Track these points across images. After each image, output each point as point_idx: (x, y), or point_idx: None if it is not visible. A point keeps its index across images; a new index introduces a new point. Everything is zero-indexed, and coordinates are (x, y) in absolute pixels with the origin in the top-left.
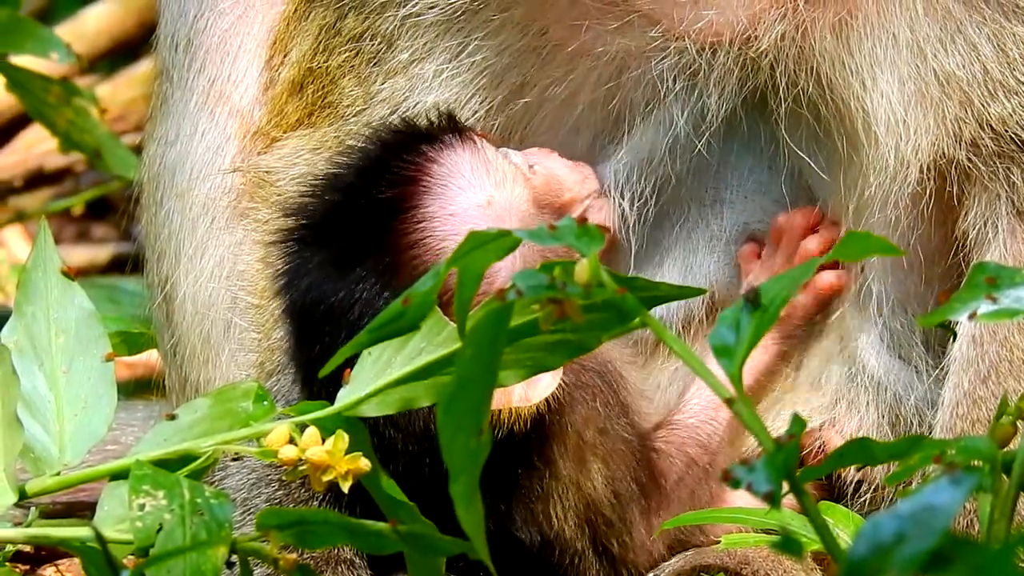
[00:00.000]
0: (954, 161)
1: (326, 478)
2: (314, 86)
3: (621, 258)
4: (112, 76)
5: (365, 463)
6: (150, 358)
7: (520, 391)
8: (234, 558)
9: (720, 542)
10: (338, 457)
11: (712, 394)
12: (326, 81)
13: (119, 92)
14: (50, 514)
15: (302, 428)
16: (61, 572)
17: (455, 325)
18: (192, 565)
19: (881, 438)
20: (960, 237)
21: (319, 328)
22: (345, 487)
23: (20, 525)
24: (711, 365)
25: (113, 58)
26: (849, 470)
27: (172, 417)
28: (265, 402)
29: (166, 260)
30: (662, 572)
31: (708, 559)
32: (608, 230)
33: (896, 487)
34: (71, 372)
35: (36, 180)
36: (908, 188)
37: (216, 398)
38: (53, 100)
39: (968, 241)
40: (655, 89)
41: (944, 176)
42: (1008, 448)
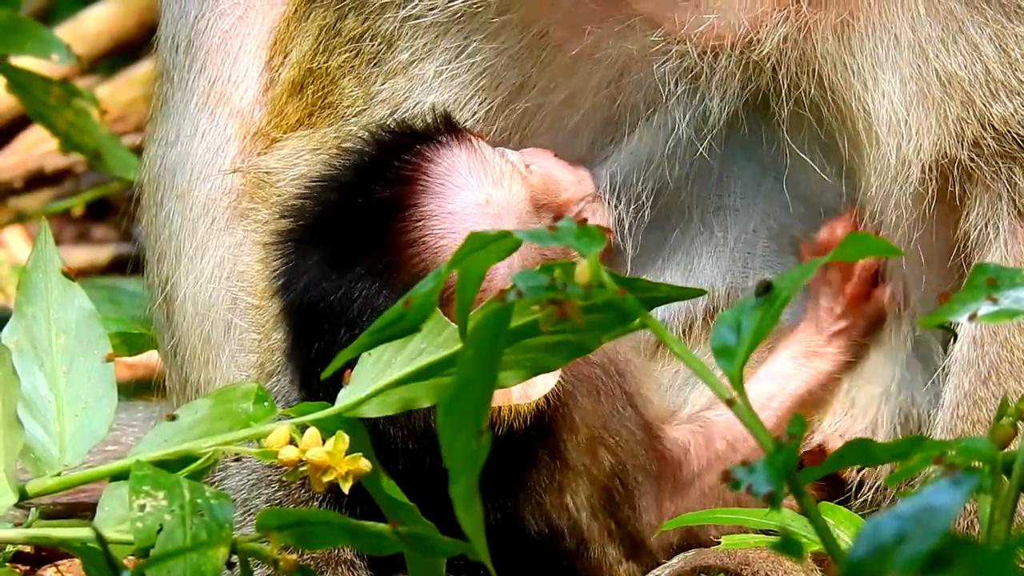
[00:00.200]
0: (956, 161)
1: (326, 479)
2: (314, 87)
3: (619, 262)
4: (112, 77)
5: (365, 464)
6: (150, 359)
7: (519, 388)
8: (234, 559)
9: (720, 542)
10: (338, 458)
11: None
12: (326, 82)
13: (119, 93)
14: (50, 515)
15: (302, 429)
16: (61, 573)
17: (455, 326)
18: (192, 566)
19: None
20: (961, 238)
21: (318, 327)
22: (345, 488)
23: (20, 526)
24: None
25: (113, 59)
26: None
27: (172, 418)
28: (265, 403)
29: (166, 261)
30: (663, 572)
31: (708, 559)
32: (609, 231)
33: (896, 488)
34: (71, 373)
35: (36, 181)
36: (910, 188)
37: (216, 399)
38: (53, 101)
39: (969, 242)
40: (656, 92)
41: (946, 176)
42: (1008, 449)
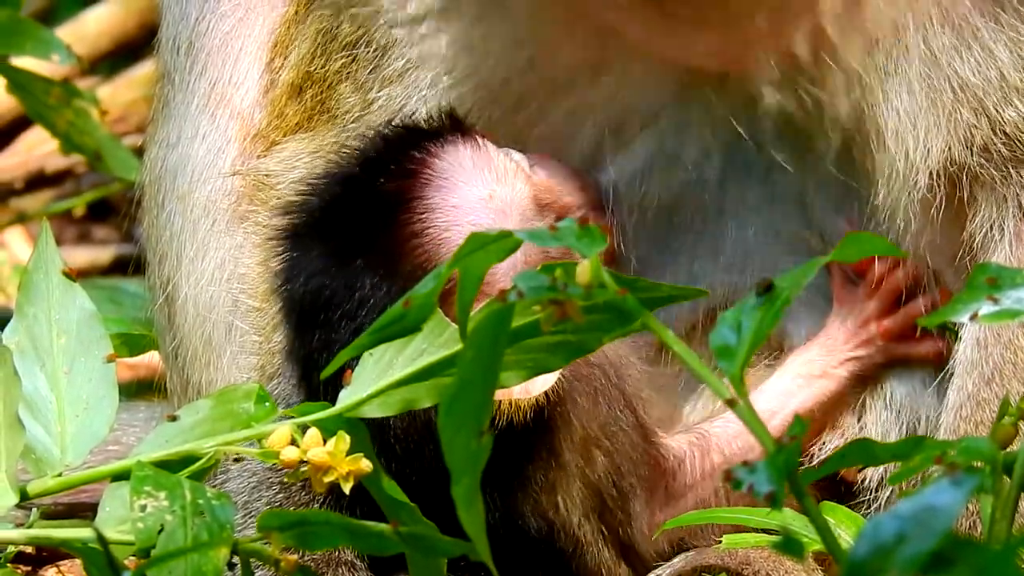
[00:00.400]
0: (965, 167)
1: (327, 479)
2: (313, 90)
3: (622, 267)
4: (113, 78)
5: (366, 464)
6: (152, 360)
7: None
8: (235, 559)
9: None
10: (339, 458)
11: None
12: (324, 86)
13: (120, 94)
14: (52, 515)
15: (304, 429)
16: (63, 573)
17: (456, 326)
18: (193, 566)
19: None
20: (967, 240)
21: (319, 320)
22: (346, 488)
23: (22, 526)
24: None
25: (114, 60)
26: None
27: (174, 418)
28: (266, 403)
29: (167, 262)
30: (663, 572)
31: (709, 559)
32: (610, 233)
33: (897, 487)
34: (72, 373)
35: (37, 182)
36: (918, 195)
37: (218, 399)
38: (54, 102)
39: (975, 244)
40: (656, 102)
41: (954, 182)
42: (1010, 449)
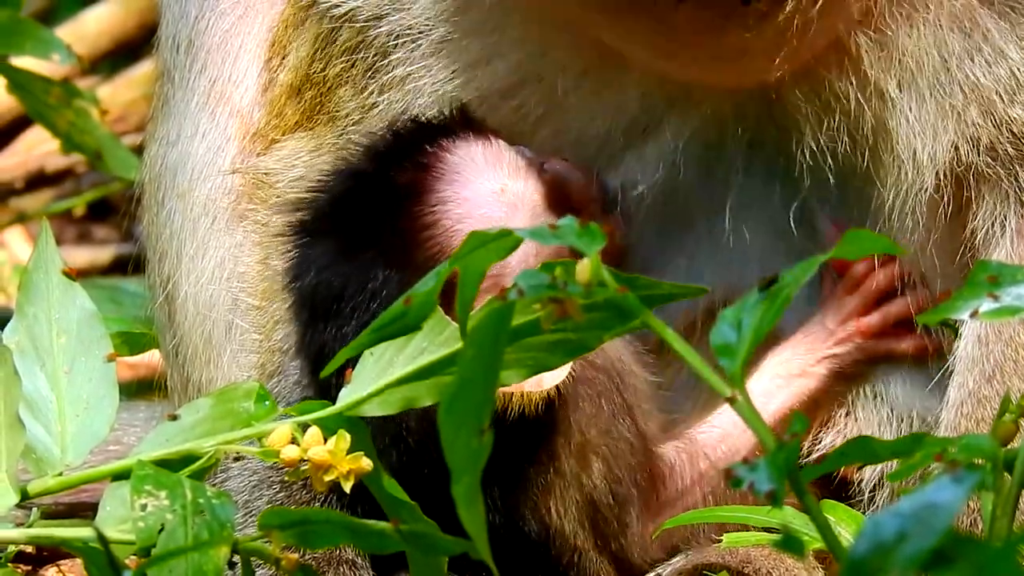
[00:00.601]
0: (972, 167)
1: (328, 478)
2: (312, 92)
3: (626, 268)
4: (113, 77)
5: (367, 463)
6: (152, 359)
7: None
8: (236, 558)
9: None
10: (340, 457)
11: (735, 419)
12: (323, 89)
13: (120, 93)
14: (52, 515)
15: (304, 428)
16: (63, 572)
17: (456, 325)
18: (194, 565)
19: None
20: (968, 237)
21: (330, 312)
22: (347, 487)
23: (22, 525)
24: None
25: (114, 59)
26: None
27: (174, 417)
28: (267, 402)
29: (168, 260)
30: (664, 571)
31: (710, 558)
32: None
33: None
34: (73, 373)
35: (37, 181)
36: (924, 196)
37: (218, 398)
38: (54, 101)
39: (976, 240)
40: (659, 107)
41: (961, 182)
42: (1010, 446)
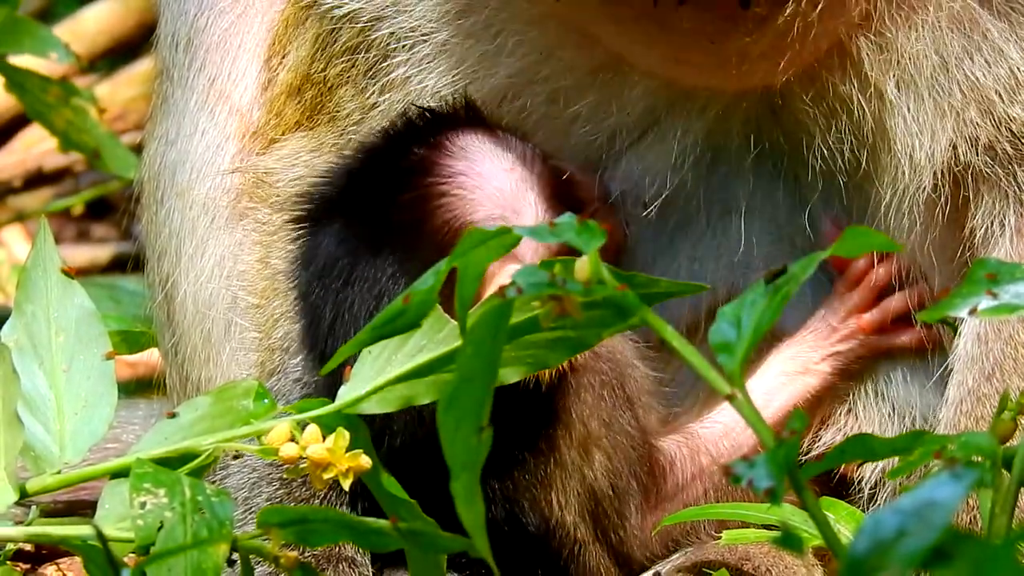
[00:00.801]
0: (970, 167)
1: (327, 476)
2: (312, 92)
3: (629, 270)
4: (111, 76)
5: (366, 460)
6: (151, 357)
7: None
8: (235, 556)
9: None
10: (339, 455)
11: (738, 416)
12: (324, 89)
13: (118, 92)
14: (51, 512)
15: (303, 426)
16: (62, 571)
17: (455, 322)
18: (193, 563)
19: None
20: (968, 236)
21: (346, 284)
22: (346, 484)
23: (21, 524)
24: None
25: (112, 58)
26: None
27: (173, 415)
28: (266, 400)
29: (167, 259)
30: (663, 568)
31: (709, 555)
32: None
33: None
34: (71, 371)
35: (35, 180)
36: (923, 195)
37: (217, 396)
38: (52, 100)
39: (976, 239)
40: (661, 107)
41: (959, 182)
42: (1009, 444)
